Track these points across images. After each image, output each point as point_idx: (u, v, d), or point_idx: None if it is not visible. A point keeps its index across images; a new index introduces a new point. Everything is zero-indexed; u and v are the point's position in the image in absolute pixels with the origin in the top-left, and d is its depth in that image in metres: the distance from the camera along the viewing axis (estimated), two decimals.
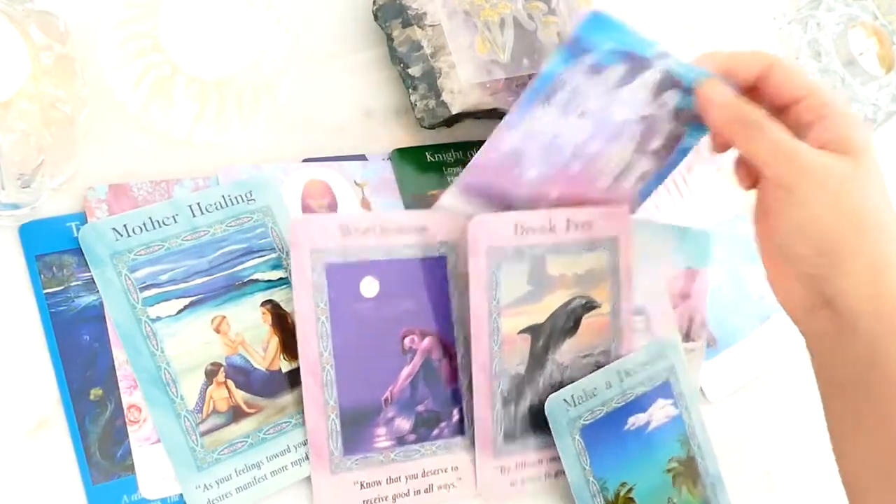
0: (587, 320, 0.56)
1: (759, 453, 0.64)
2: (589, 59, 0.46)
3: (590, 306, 0.56)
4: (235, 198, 0.52)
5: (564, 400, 0.54)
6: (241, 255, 0.51)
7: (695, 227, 0.61)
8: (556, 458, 0.54)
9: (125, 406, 0.47)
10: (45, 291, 0.47)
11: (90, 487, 0.46)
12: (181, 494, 0.47)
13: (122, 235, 0.49)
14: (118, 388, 0.47)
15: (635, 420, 0.56)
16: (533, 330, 0.54)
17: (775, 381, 0.65)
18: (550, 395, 0.53)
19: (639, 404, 0.57)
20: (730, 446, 0.61)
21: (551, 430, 0.53)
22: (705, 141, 0.52)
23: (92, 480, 0.46)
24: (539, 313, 0.54)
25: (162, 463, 0.47)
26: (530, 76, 0.56)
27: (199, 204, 0.51)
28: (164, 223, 0.50)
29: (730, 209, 0.67)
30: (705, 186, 0.66)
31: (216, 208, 0.51)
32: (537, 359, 0.54)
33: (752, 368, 0.64)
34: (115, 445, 0.46)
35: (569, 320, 0.56)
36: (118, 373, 0.47)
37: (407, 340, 0.52)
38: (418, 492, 0.51)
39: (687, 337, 0.60)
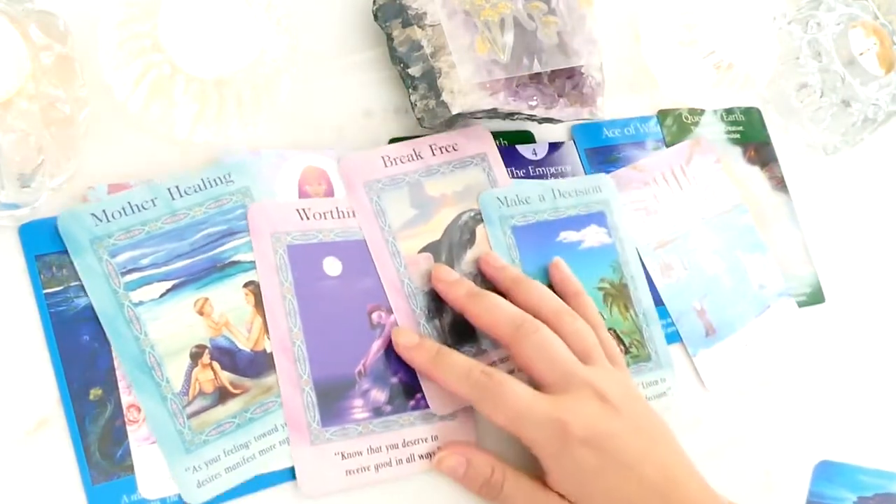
0: (483, 231, 0.58)
1: (759, 452, 0.64)
2: None
3: (479, 218, 0.58)
4: (214, 180, 0.52)
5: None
6: (221, 236, 0.51)
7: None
8: (506, 358, 0.55)
9: (125, 406, 0.47)
10: (45, 291, 0.47)
11: (90, 487, 0.46)
12: (180, 495, 0.47)
13: (101, 221, 0.48)
14: (118, 387, 0.47)
15: (567, 235, 0.59)
16: (431, 247, 0.56)
17: (774, 374, 0.65)
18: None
19: (571, 223, 0.59)
20: (729, 445, 0.61)
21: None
22: (706, 134, 0.51)
23: (91, 480, 0.46)
24: (432, 232, 0.56)
25: (161, 463, 0.47)
26: (530, 76, 0.56)
27: (177, 187, 0.51)
28: (143, 207, 0.49)
29: (728, 200, 0.67)
30: (704, 177, 0.66)
31: (195, 191, 0.51)
32: None
33: (750, 358, 0.64)
34: (115, 445, 0.46)
35: (464, 233, 0.57)
36: (117, 372, 0.47)
37: (374, 316, 0.53)
38: (400, 461, 0.52)
39: None
